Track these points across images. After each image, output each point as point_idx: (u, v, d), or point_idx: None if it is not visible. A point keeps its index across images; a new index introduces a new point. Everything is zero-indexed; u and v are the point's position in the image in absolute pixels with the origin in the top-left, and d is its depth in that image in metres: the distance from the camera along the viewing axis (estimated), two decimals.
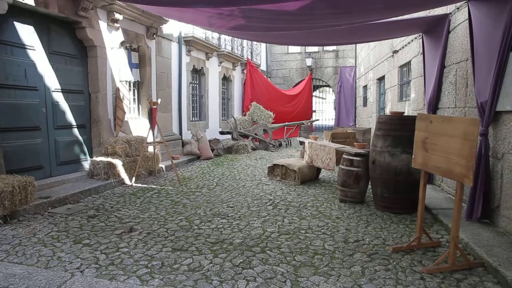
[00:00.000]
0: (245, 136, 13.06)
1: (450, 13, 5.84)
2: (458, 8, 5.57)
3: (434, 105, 6.27)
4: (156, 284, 3.14)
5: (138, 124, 8.86)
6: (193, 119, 12.55)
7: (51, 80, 6.59)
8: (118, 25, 7.91)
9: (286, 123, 15.01)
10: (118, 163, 7.11)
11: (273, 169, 7.98)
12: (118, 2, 7.31)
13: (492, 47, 4.21)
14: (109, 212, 5.31)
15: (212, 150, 11.42)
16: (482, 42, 4.49)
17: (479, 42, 4.57)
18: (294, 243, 4.12)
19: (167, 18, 8.95)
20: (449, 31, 5.91)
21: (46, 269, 3.36)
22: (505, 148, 4.20)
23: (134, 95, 9.15)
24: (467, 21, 4.87)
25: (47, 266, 3.47)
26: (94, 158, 7.15)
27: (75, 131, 7.21)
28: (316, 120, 19.33)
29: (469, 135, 3.16)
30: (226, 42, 14.18)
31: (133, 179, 7.17)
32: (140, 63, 9.13)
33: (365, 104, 15.48)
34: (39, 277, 3.13)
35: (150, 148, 8.09)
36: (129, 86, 8.87)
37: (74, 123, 7.14)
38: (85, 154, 7.44)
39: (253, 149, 12.99)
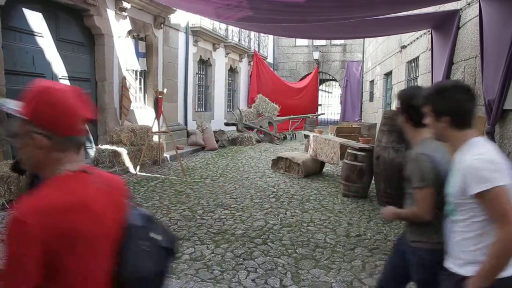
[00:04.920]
0: (250, 128, 13.06)
1: (461, 9, 5.76)
2: (469, 4, 5.49)
3: None
4: None
5: (143, 113, 8.89)
6: (199, 110, 12.56)
7: (58, 67, 6.61)
8: (125, 13, 7.89)
9: (292, 116, 14.97)
10: (123, 151, 7.15)
11: (277, 162, 7.99)
12: None
13: (501, 44, 4.15)
14: None
15: (217, 141, 11.45)
16: (491, 39, 4.44)
17: (488, 39, 4.51)
18: (296, 236, 4.14)
19: (174, 8, 8.92)
20: (458, 27, 5.83)
21: None
22: (511, 147, 4.17)
23: (140, 84, 9.17)
24: (478, 17, 4.81)
25: None
26: (100, 146, 7.20)
27: None
28: (322, 114, 19.26)
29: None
30: (233, 33, 14.11)
31: (138, 168, 7.21)
32: (147, 52, 9.13)
33: (371, 99, 15.39)
34: None
35: (155, 138, 8.12)
36: (136, 75, 8.89)
37: None
38: (90, 142, 7.49)
39: (258, 141, 12.99)
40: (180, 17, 10.25)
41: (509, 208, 1.37)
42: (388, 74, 12.09)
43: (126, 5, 7.73)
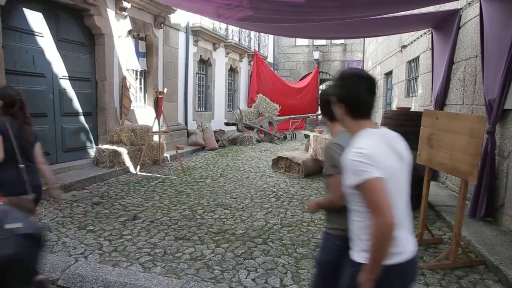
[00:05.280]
0: (250, 128, 13.06)
1: (461, 8, 5.76)
2: (469, 4, 5.49)
3: (441, 101, 6.22)
4: (158, 272, 3.18)
5: (144, 113, 8.88)
6: (199, 110, 12.56)
7: (58, 67, 6.61)
8: (126, 13, 7.89)
9: (292, 116, 14.97)
10: (123, 151, 7.15)
11: (277, 162, 7.99)
12: None
13: (502, 44, 4.15)
14: (114, 199, 5.37)
15: (217, 141, 11.45)
16: (492, 39, 4.44)
17: (489, 39, 4.51)
18: (296, 236, 4.14)
19: (175, 8, 8.91)
20: (459, 26, 5.83)
21: (51, 254, 3.42)
22: (511, 146, 4.17)
23: (140, 84, 9.16)
24: (478, 17, 4.81)
25: (51, 251, 3.52)
26: (100, 146, 7.20)
27: (82, 118, 7.25)
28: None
29: (475, 133, 3.14)
30: (234, 33, 14.10)
31: (138, 167, 7.21)
32: (147, 52, 9.12)
33: None
34: (44, 261, 3.18)
35: (155, 137, 8.12)
36: (136, 75, 8.89)
37: (80, 110, 7.17)
38: (91, 142, 7.49)
39: (258, 141, 12.99)
40: (180, 17, 10.25)
41: (381, 200, 1.40)
42: (389, 74, 12.09)
43: (126, 4, 7.73)
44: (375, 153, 1.46)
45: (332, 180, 1.87)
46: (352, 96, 1.59)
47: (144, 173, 7.20)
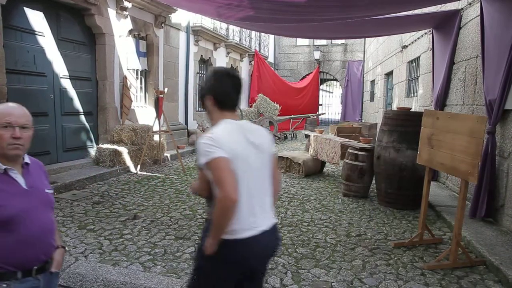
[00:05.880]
0: None
1: (462, 8, 5.76)
2: (470, 4, 5.49)
3: (441, 101, 6.22)
4: (158, 271, 3.18)
5: (144, 112, 8.89)
6: (199, 109, 12.54)
7: (59, 66, 6.62)
8: (126, 13, 7.89)
9: (292, 116, 14.97)
10: (123, 150, 7.16)
11: (277, 161, 7.98)
12: None
13: (503, 44, 4.15)
14: (114, 199, 5.37)
15: None
16: (493, 39, 4.44)
17: (490, 39, 4.51)
18: (296, 235, 4.14)
19: (175, 7, 8.91)
20: (460, 27, 5.83)
21: None
22: None
23: (141, 83, 9.17)
24: (479, 17, 4.81)
25: None
26: (100, 145, 7.21)
27: (82, 118, 7.25)
28: (322, 113, 19.25)
29: (476, 133, 3.13)
30: (234, 33, 14.10)
31: (138, 167, 7.22)
32: (147, 51, 9.12)
33: (372, 99, 15.39)
34: None
35: (156, 137, 8.12)
36: (136, 74, 8.89)
37: (81, 110, 7.18)
38: (91, 141, 7.50)
39: None
40: (181, 17, 10.24)
41: (224, 176, 1.59)
42: (389, 74, 12.08)
43: (127, 4, 7.73)
44: (222, 137, 1.67)
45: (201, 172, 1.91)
46: (219, 90, 1.79)
47: (145, 173, 7.21)
